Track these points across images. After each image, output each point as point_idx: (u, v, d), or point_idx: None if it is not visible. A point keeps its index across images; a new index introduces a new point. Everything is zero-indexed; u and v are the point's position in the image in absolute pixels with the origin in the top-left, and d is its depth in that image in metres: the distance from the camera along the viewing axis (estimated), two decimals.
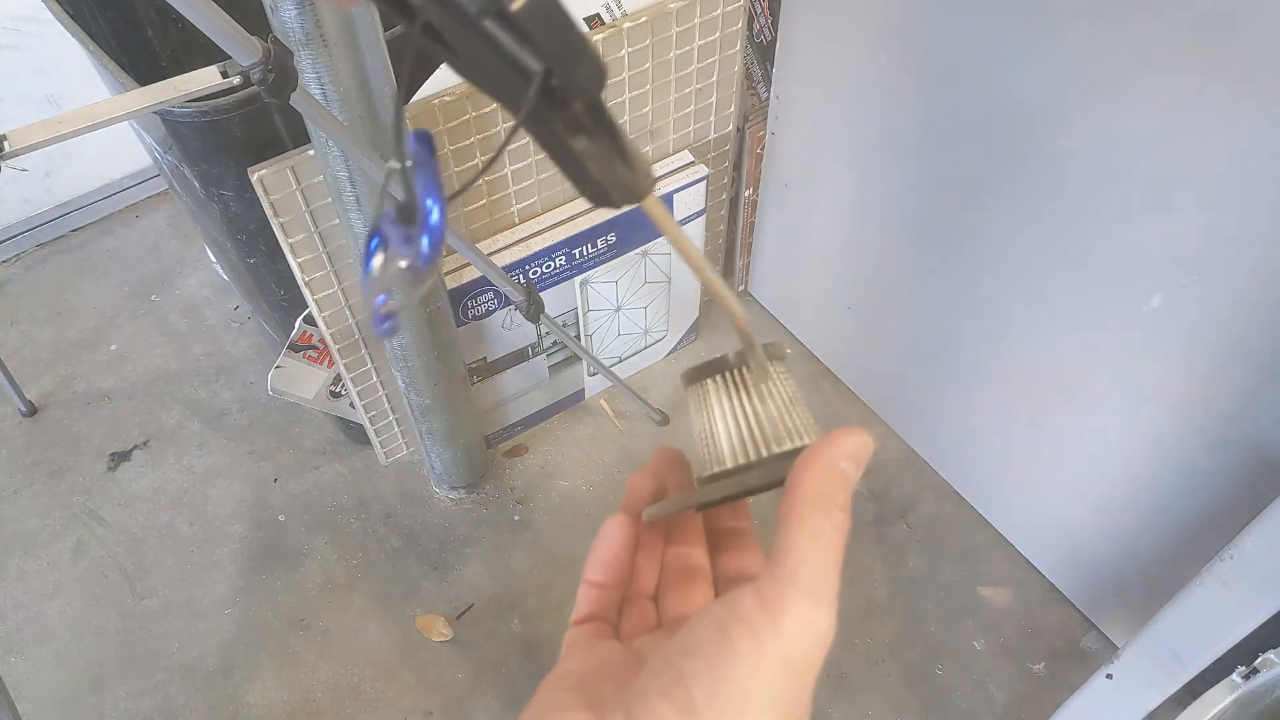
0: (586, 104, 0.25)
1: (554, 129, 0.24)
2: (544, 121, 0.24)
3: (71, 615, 1.22)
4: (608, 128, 0.26)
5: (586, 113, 0.25)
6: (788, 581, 0.25)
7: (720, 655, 0.24)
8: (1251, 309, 0.79)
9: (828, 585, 0.25)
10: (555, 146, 0.25)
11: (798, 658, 0.25)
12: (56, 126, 0.62)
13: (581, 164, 0.25)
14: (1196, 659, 0.76)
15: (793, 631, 0.24)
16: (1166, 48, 0.74)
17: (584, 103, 0.24)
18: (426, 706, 1.13)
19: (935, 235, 1.08)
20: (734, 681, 0.24)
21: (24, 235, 1.63)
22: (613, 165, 0.26)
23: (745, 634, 0.24)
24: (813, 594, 0.25)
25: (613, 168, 0.26)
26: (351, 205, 0.85)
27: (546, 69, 0.22)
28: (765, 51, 1.22)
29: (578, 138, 0.25)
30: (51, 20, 0.94)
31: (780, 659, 0.24)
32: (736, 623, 0.25)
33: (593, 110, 0.25)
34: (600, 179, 0.26)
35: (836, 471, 0.27)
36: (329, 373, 1.17)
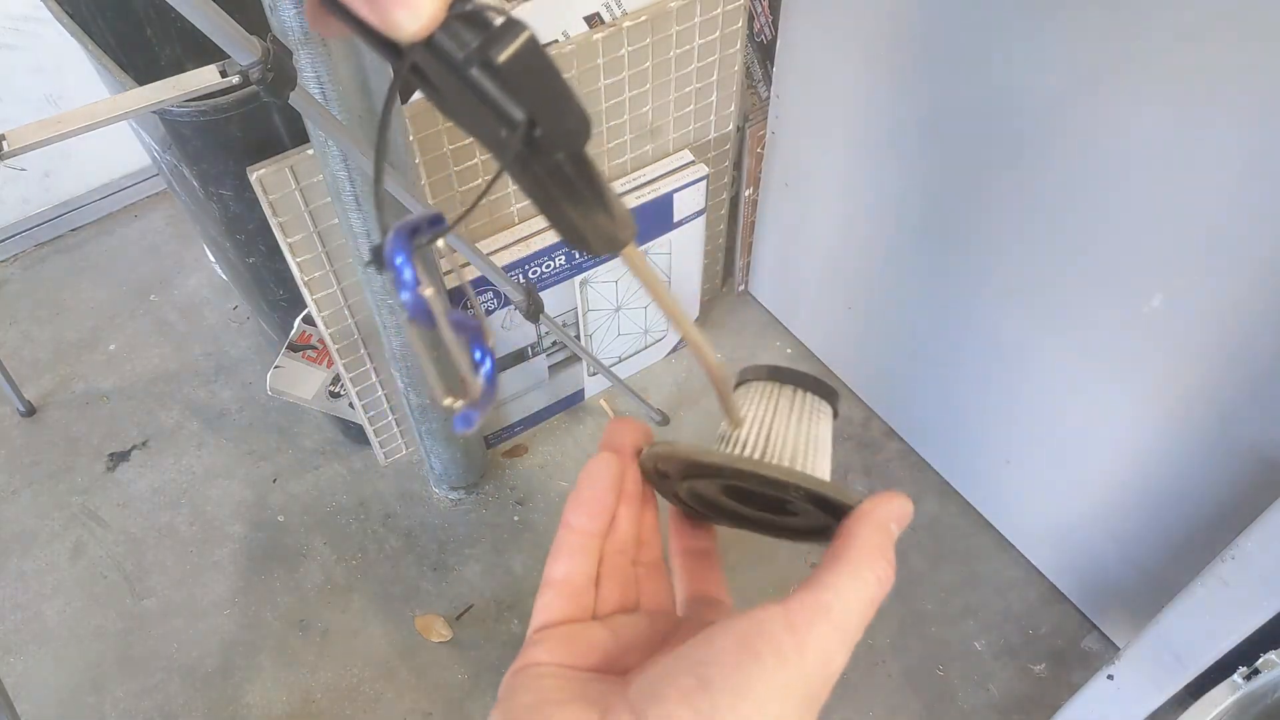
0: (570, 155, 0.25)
1: (535, 177, 0.25)
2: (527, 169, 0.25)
3: (71, 615, 1.22)
4: (589, 178, 0.26)
5: (569, 162, 0.25)
6: (820, 611, 0.26)
7: (744, 667, 0.25)
8: (1252, 309, 0.79)
9: (854, 628, 0.27)
10: (537, 193, 0.26)
11: (814, 684, 0.26)
12: (55, 126, 0.62)
13: (562, 211, 0.26)
14: (1197, 659, 0.76)
15: (814, 659, 0.25)
16: (1167, 47, 0.74)
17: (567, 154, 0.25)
18: (426, 707, 1.13)
19: (936, 235, 1.08)
20: (753, 695, 0.25)
21: (23, 235, 1.63)
22: (594, 214, 0.27)
23: (771, 652, 0.25)
24: (840, 630, 0.26)
25: (594, 216, 0.27)
26: (350, 205, 0.85)
27: (530, 119, 0.23)
28: (765, 51, 1.22)
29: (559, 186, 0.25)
30: (51, 20, 0.94)
31: (799, 681, 0.25)
32: (763, 639, 0.25)
33: (575, 160, 0.25)
34: (580, 227, 0.26)
35: (887, 530, 0.29)
36: (328, 373, 1.17)
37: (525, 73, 0.22)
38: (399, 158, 0.84)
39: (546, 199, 0.26)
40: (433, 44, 0.22)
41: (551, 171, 0.25)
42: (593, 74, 1.03)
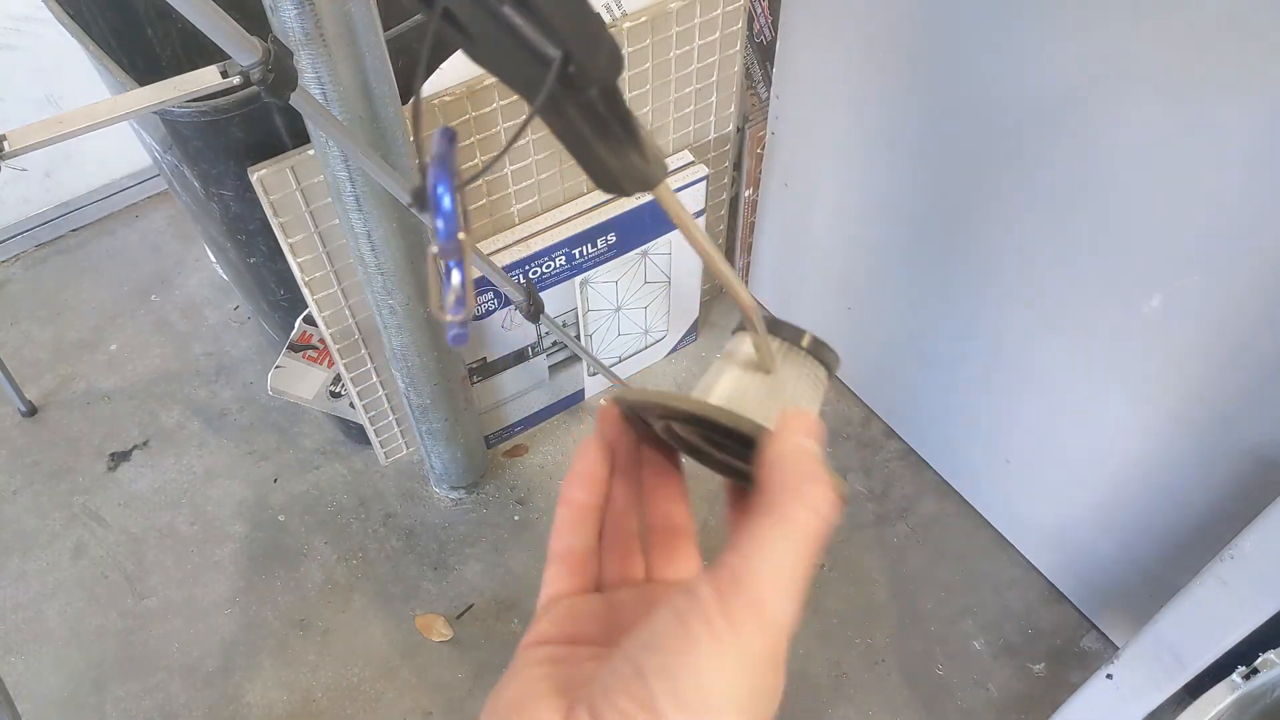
0: (602, 91, 0.25)
1: (569, 116, 0.25)
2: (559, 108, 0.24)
3: (71, 615, 1.22)
4: (622, 115, 0.26)
5: (601, 99, 0.25)
6: (741, 577, 0.24)
7: (680, 652, 0.24)
8: (1252, 309, 0.79)
9: (791, 576, 0.25)
10: (569, 133, 0.25)
11: (756, 653, 0.24)
12: (56, 126, 0.62)
13: (595, 151, 0.26)
14: (1196, 659, 0.76)
15: (749, 629, 0.24)
16: (1167, 47, 0.74)
17: (600, 89, 0.25)
18: (426, 706, 1.13)
19: (935, 235, 1.08)
20: (694, 678, 0.23)
21: (24, 235, 1.63)
22: (626, 153, 0.26)
23: (703, 629, 0.24)
24: (774, 584, 0.24)
25: (626, 155, 0.26)
26: (351, 205, 0.85)
27: (565, 54, 0.22)
28: (765, 51, 1.22)
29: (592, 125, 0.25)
30: (51, 20, 0.94)
31: (739, 657, 0.24)
32: (694, 615, 0.24)
33: (608, 97, 0.25)
34: (613, 166, 0.26)
35: (805, 452, 0.26)
36: (329, 373, 1.17)
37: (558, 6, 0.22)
38: (399, 158, 0.84)
39: (578, 139, 0.25)
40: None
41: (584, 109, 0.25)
42: None
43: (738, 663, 0.24)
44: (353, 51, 0.73)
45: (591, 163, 0.26)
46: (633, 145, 0.26)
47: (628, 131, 0.26)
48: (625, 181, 0.26)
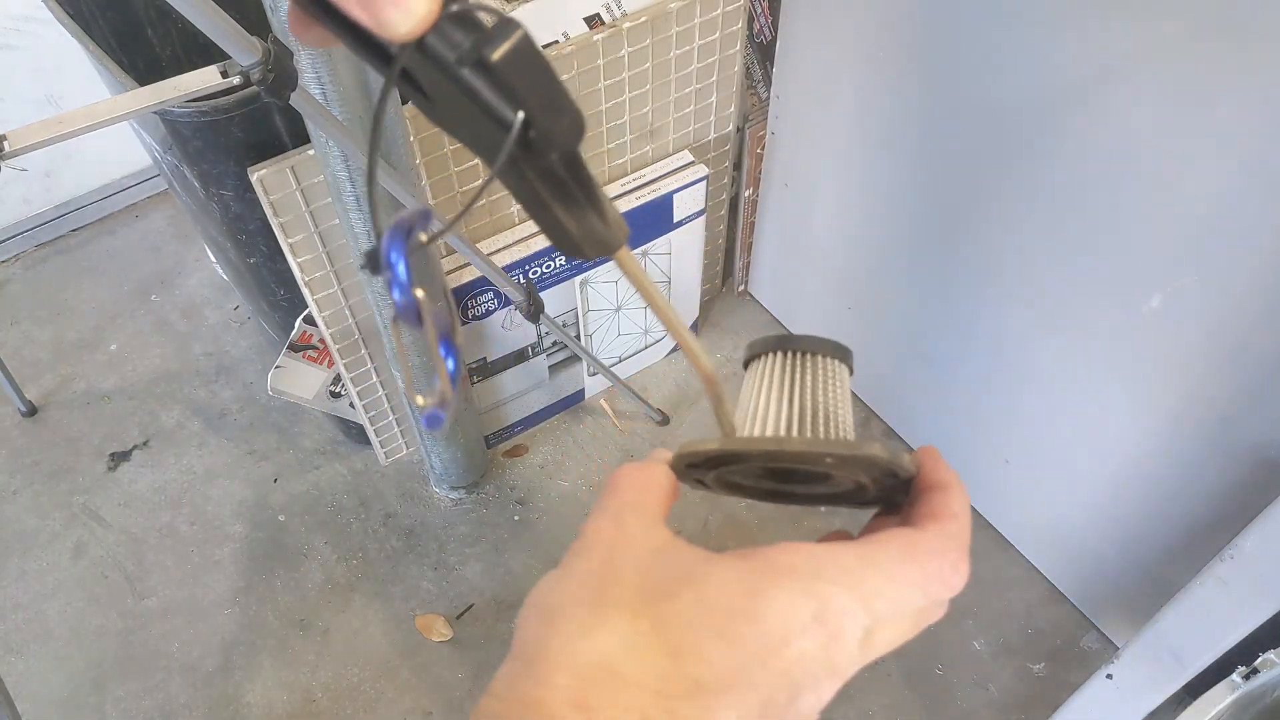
0: (563, 155, 0.25)
1: (528, 179, 0.24)
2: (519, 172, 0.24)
3: (71, 615, 1.22)
4: (583, 179, 0.26)
5: (562, 164, 0.25)
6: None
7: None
8: (1251, 309, 0.79)
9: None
10: (529, 197, 0.25)
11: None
12: (56, 126, 0.62)
13: (554, 215, 0.25)
14: (1196, 659, 0.76)
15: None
16: (1167, 47, 0.74)
17: (561, 154, 0.24)
18: (426, 706, 1.13)
19: (935, 235, 1.08)
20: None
21: (24, 235, 1.63)
22: (586, 217, 0.26)
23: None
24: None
25: (586, 219, 0.26)
26: (351, 205, 0.85)
27: (526, 119, 0.22)
28: (765, 51, 1.22)
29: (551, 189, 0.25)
30: (51, 20, 0.94)
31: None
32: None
33: (569, 161, 0.25)
34: (572, 231, 0.26)
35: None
36: (329, 373, 1.17)
37: (519, 71, 0.22)
38: (399, 158, 0.84)
39: (538, 203, 0.25)
40: (424, 45, 0.22)
41: (544, 173, 0.25)
42: (593, 75, 1.03)
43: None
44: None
45: (551, 226, 0.26)
46: (592, 209, 0.26)
47: (588, 196, 0.26)
48: (585, 245, 0.26)
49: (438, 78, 0.22)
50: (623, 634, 0.25)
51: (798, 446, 0.30)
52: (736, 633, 0.24)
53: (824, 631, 0.25)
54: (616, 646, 0.24)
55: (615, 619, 0.25)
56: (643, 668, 0.24)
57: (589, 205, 0.26)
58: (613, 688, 0.24)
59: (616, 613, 0.25)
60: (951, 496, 0.30)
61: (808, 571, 0.26)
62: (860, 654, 0.26)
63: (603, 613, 0.25)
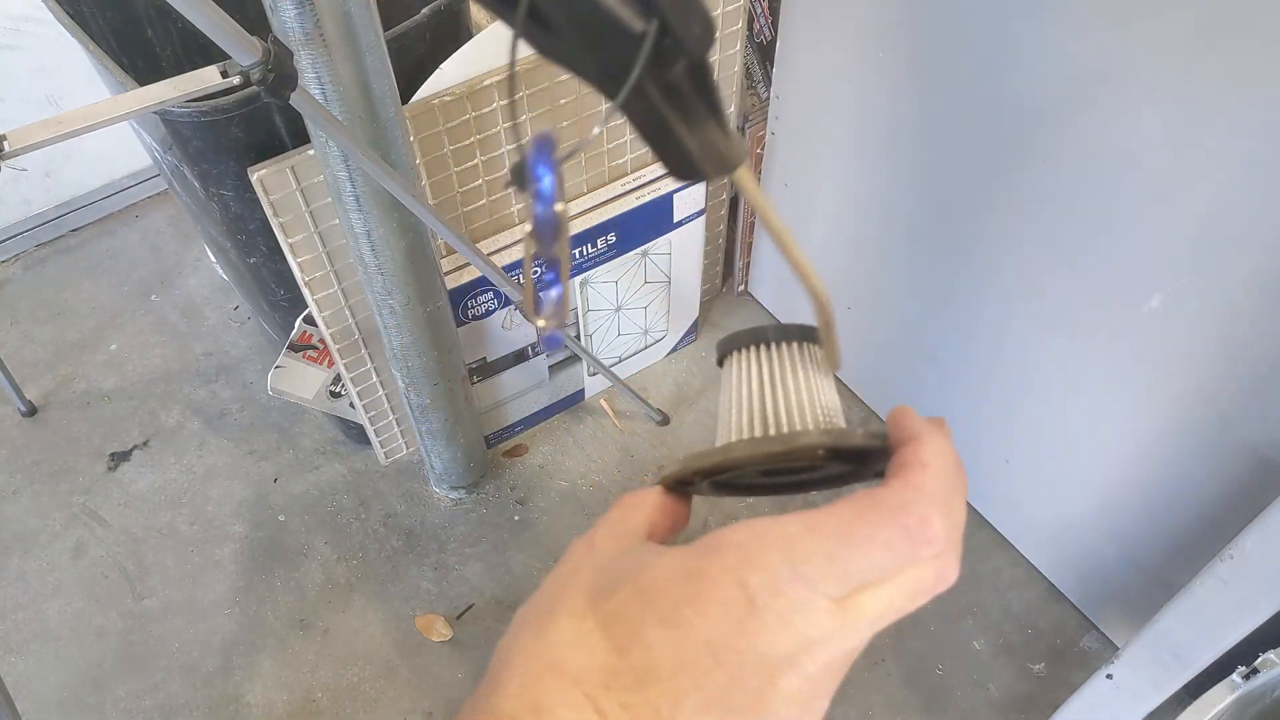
0: (691, 65, 0.23)
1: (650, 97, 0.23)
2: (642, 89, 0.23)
3: (71, 615, 1.22)
4: (707, 90, 0.24)
5: (687, 74, 0.24)
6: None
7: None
8: (1251, 309, 0.79)
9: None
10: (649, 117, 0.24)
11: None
12: (56, 126, 0.62)
13: (676, 134, 0.24)
14: (1196, 659, 0.76)
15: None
16: (1167, 47, 0.74)
17: (689, 63, 0.23)
18: (426, 706, 1.13)
19: (935, 235, 1.08)
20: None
21: (24, 235, 1.63)
22: (708, 132, 0.25)
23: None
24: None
25: (708, 135, 0.25)
26: (351, 205, 0.85)
27: (660, 24, 0.21)
28: (765, 51, 1.22)
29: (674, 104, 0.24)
30: (51, 20, 0.94)
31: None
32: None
33: (695, 71, 0.24)
34: (693, 149, 0.24)
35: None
36: (329, 373, 1.17)
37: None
38: (399, 158, 0.84)
39: (658, 121, 0.24)
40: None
41: (668, 87, 0.23)
42: None
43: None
44: (353, 51, 0.73)
45: (670, 147, 0.24)
46: (715, 121, 0.25)
47: (711, 107, 0.24)
48: (706, 164, 0.25)
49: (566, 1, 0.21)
50: (569, 634, 0.25)
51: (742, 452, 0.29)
52: (679, 617, 0.24)
53: (779, 603, 0.24)
54: (563, 646, 0.25)
55: (564, 621, 0.26)
56: (590, 664, 0.24)
57: (711, 117, 0.25)
58: (561, 687, 0.24)
59: (565, 616, 0.26)
60: (920, 446, 0.28)
61: (749, 545, 0.25)
62: (839, 623, 0.25)
63: (553, 618, 0.26)
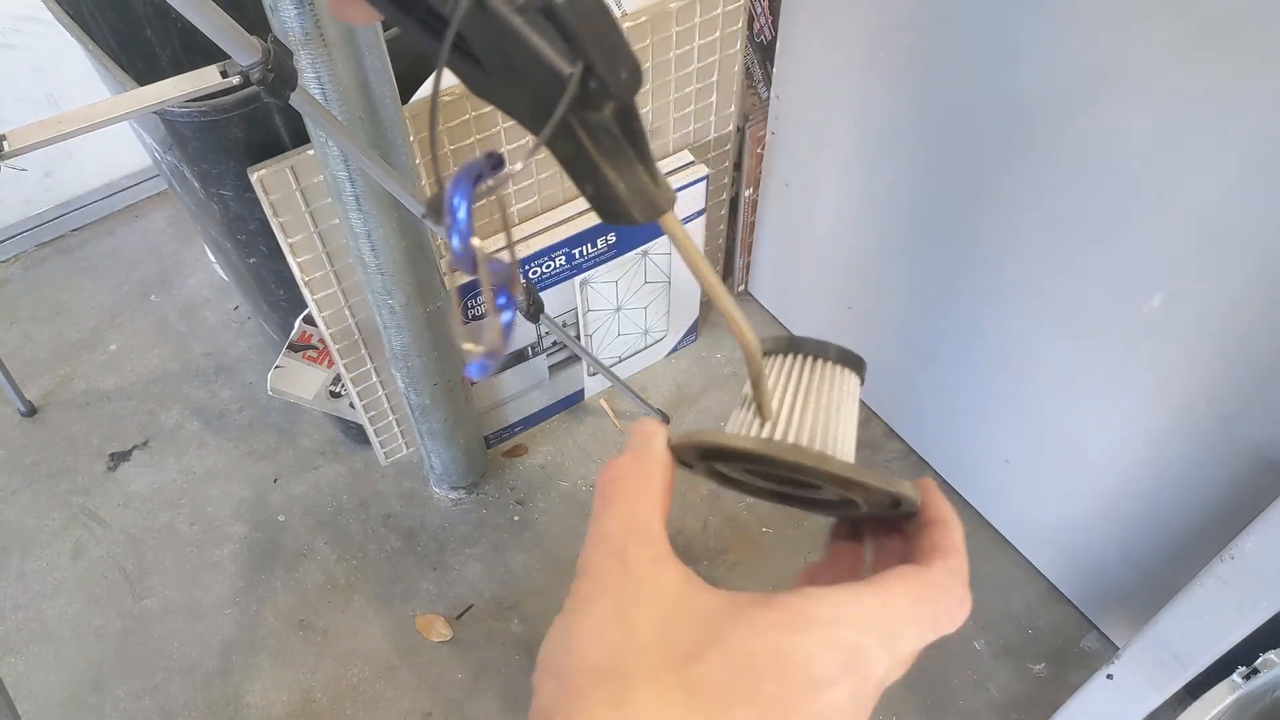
0: (619, 108, 0.24)
1: (578, 137, 0.23)
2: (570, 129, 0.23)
3: (71, 615, 1.22)
4: (635, 134, 0.24)
5: (615, 117, 0.24)
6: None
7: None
8: (1252, 309, 0.79)
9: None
10: (576, 158, 0.24)
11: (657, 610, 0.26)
12: (56, 126, 0.62)
13: (603, 176, 0.24)
14: (1197, 659, 0.76)
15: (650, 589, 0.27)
16: (1167, 47, 0.74)
17: (617, 106, 0.23)
18: (426, 707, 1.13)
19: (936, 235, 1.08)
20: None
21: (23, 235, 1.63)
22: (636, 176, 0.25)
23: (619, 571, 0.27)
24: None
25: (636, 179, 0.25)
26: (351, 205, 0.85)
27: (586, 67, 0.21)
28: (765, 51, 1.22)
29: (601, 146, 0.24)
30: (51, 20, 0.94)
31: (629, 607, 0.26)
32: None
33: (623, 114, 0.24)
34: (621, 192, 0.25)
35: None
36: (329, 373, 1.17)
37: (582, 15, 0.21)
38: (399, 158, 0.84)
39: (586, 162, 0.24)
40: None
41: (596, 128, 0.23)
42: None
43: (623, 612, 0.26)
44: (352, 51, 0.73)
45: (598, 189, 0.25)
46: (642, 165, 0.25)
47: (639, 151, 0.25)
48: (633, 207, 0.25)
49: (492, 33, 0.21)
50: (654, 706, 0.24)
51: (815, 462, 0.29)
52: (766, 694, 0.24)
53: (852, 679, 0.26)
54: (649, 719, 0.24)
55: (643, 689, 0.24)
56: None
57: (639, 162, 0.25)
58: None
59: (644, 682, 0.24)
60: (952, 530, 0.31)
61: (833, 620, 0.26)
62: (879, 692, 0.28)
63: (629, 682, 0.24)
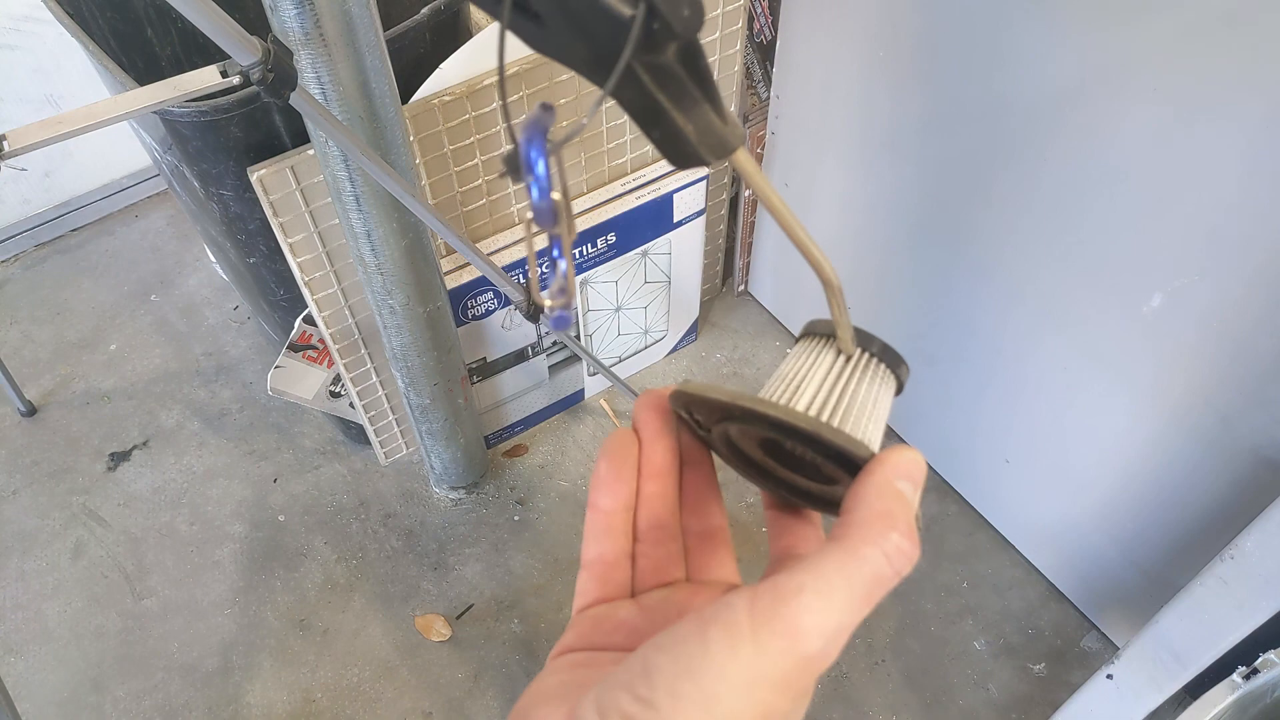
0: (682, 48, 0.23)
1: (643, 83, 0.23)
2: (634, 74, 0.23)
3: (71, 615, 1.22)
4: (700, 74, 0.24)
5: (679, 57, 0.23)
6: (785, 599, 0.23)
7: (690, 656, 0.23)
8: (1252, 309, 0.79)
9: (840, 612, 0.23)
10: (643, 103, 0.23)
11: (775, 676, 0.23)
12: (56, 126, 0.62)
13: (671, 119, 0.24)
14: (1197, 659, 0.76)
15: (774, 650, 0.22)
16: (1167, 46, 0.74)
17: (680, 46, 0.23)
18: (426, 706, 1.13)
19: (935, 235, 1.08)
20: (698, 685, 0.22)
21: (23, 235, 1.63)
22: (704, 116, 0.24)
23: (722, 639, 0.23)
24: (814, 622, 0.23)
25: (704, 119, 0.24)
26: (351, 205, 0.85)
27: (648, 7, 0.21)
28: (765, 51, 1.22)
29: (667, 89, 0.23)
30: (51, 20, 0.94)
31: (753, 674, 0.22)
32: (718, 625, 0.23)
33: (687, 53, 0.23)
34: (689, 134, 0.24)
35: (894, 493, 0.25)
36: (329, 373, 1.17)
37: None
38: (399, 158, 0.84)
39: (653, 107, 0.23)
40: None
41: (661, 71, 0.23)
42: None
43: (750, 680, 0.22)
44: (352, 51, 0.73)
45: (667, 133, 0.24)
46: (710, 105, 0.24)
47: (705, 91, 0.24)
48: (703, 148, 0.24)
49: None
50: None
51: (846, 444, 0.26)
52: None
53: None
54: None
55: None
56: None
57: (706, 101, 0.24)
58: None
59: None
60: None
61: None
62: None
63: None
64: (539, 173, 0.23)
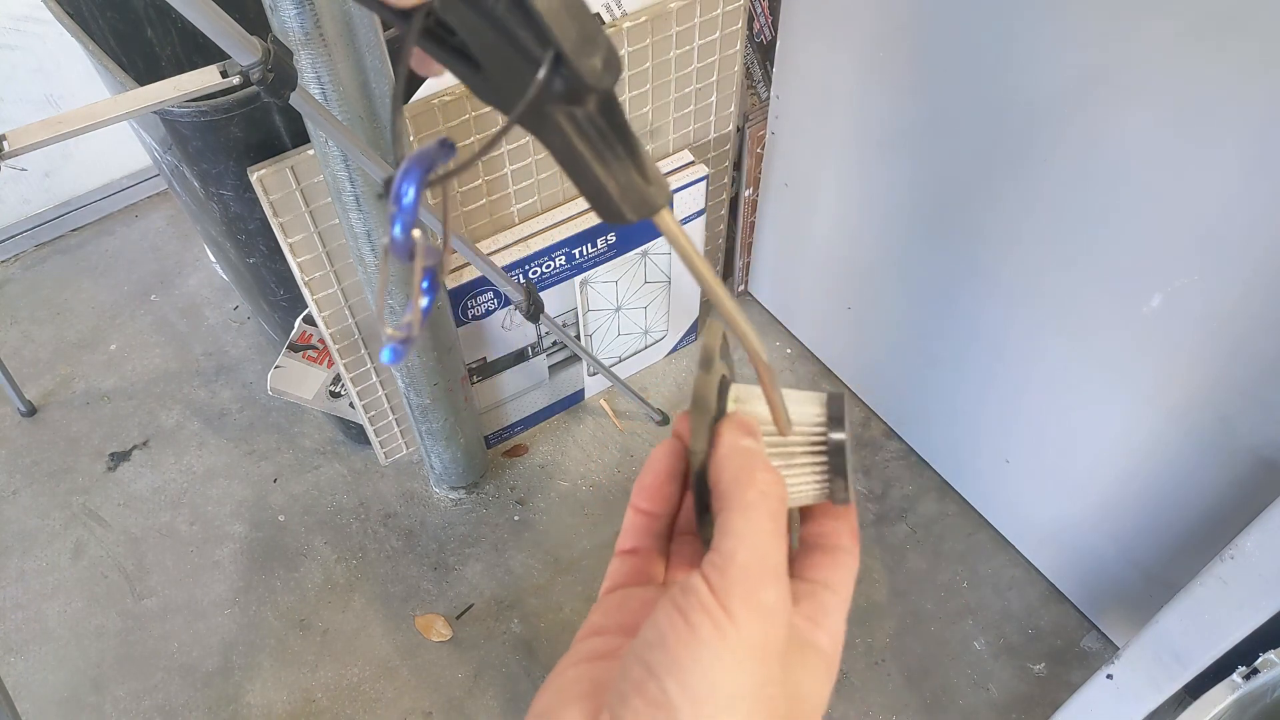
0: (600, 101, 0.24)
1: (564, 131, 0.23)
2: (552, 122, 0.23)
3: (71, 615, 1.22)
4: (620, 129, 0.24)
5: (599, 112, 0.24)
6: (726, 565, 0.25)
7: (686, 645, 0.24)
8: (1252, 309, 0.79)
9: (767, 560, 0.26)
10: (563, 152, 0.24)
11: (757, 641, 0.25)
12: (56, 126, 0.62)
13: (592, 172, 0.24)
14: (1197, 659, 0.76)
15: (745, 615, 0.25)
16: (1166, 46, 0.74)
17: (598, 99, 0.23)
18: (426, 706, 1.13)
19: (935, 235, 1.08)
20: (703, 671, 0.24)
21: (23, 235, 1.63)
22: (626, 173, 0.25)
23: (706, 623, 0.24)
24: (756, 571, 0.25)
25: (626, 176, 0.25)
26: (351, 205, 0.85)
27: (556, 54, 0.21)
28: (765, 51, 1.22)
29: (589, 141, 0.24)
30: (51, 20, 0.94)
31: (742, 646, 0.24)
32: (696, 609, 0.25)
33: (606, 109, 0.24)
34: (611, 190, 0.24)
35: (739, 448, 0.28)
36: (329, 373, 1.17)
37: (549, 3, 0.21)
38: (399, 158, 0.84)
39: (573, 157, 0.24)
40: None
41: (579, 123, 0.23)
42: None
43: (742, 652, 0.24)
44: (352, 51, 0.73)
45: (590, 186, 0.25)
46: (632, 164, 0.25)
47: (627, 148, 0.25)
48: (625, 205, 0.25)
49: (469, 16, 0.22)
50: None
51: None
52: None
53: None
54: None
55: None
56: None
57: (628, 158, 0.25)
58: None
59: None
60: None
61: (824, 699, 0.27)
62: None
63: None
64: (405, 204, 0.23)
